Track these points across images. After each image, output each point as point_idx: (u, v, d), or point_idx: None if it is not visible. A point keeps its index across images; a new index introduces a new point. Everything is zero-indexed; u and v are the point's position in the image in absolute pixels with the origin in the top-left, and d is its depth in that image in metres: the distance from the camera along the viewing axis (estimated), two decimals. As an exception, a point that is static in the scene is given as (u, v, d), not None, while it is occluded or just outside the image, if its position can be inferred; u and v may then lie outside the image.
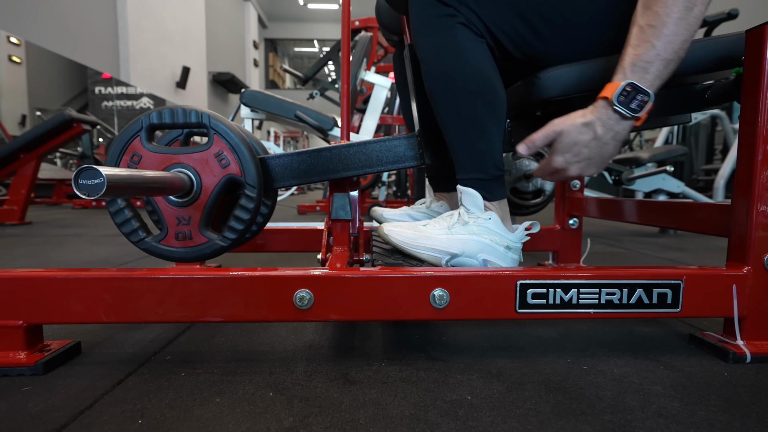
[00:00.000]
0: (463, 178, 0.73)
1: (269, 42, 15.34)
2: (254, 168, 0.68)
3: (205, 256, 0.68)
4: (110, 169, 0.45)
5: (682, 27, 0.56)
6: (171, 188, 0.60)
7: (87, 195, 0.43)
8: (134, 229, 0.66)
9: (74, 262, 1.40)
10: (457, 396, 0.53)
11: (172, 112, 0.66)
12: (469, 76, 0.69)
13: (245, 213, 0.68)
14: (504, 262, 0.72)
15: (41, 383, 0.56)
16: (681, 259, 1.53)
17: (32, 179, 2.54)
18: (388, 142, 0.79)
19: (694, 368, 0.61)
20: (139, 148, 0.66)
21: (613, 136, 0.61)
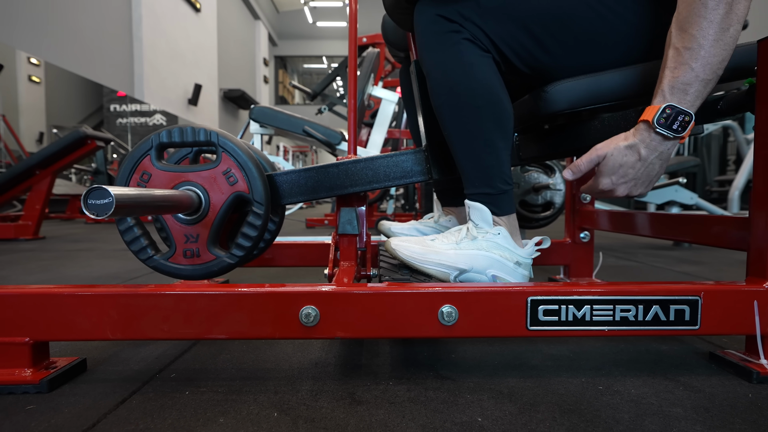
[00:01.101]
0: (471, 192, 0.73)
1: (279, 59, 15.67)
2: (262, 185, 0.68)
3: (213, 273, 0.68)
4: (119, 189, 0.45)
5: (719, 48, 0.56)
6: (179, 206, 0.60)
7: (96, 215, 0.43)
8: (143, 247, 0.66)
9: (84, 276, 1.41)
10: (467, 417, 0.51)
11: (181, 131, 0.66)
12: (475, 91, 0.68)
13: (253, 230, 0.67)
14: (514, 278, 0.70)
15: (46, 401, 0.55)
16: (697, 273, 1.49)
17: (47, 195, 2.59)
18: (396, 157, 0.79)
19: (715, 389, 0.59)
20: (149, 167, 0.66)
21: (658, 155, 0.61)
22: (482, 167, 0.71)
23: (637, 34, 0.68)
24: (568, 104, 0.70)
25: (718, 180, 4.31)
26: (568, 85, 0.69)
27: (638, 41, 0.69)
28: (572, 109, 0.70)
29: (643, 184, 0.64)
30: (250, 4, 11.85)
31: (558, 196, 1.54)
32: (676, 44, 0.58)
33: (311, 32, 14.76)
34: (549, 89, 0.70)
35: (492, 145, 0.70)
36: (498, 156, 0.70)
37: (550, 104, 0.70)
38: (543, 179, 1.55)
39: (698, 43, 0.56)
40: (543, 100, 0.71)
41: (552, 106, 0.70)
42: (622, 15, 0.67)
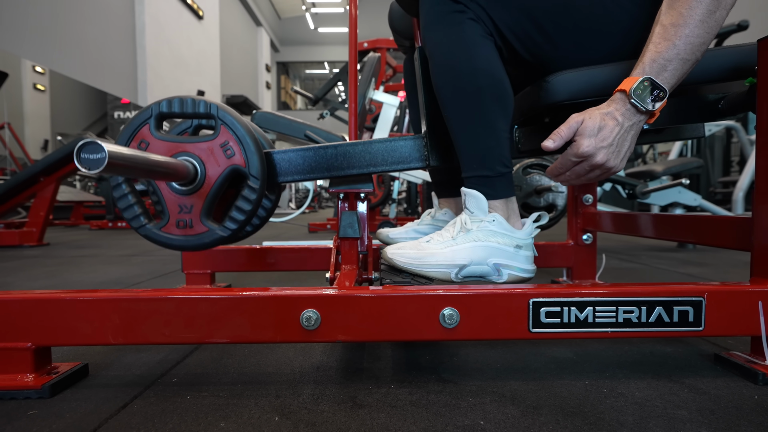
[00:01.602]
0: (468, 175, 0.72)
1: (281, 65, 15.77)
2: (258, 160, 0.68)
3: (204, 245, 0.68)
4: (114, 146, 0.44)
5: (703, 29, 0.58)
6: (175, 174, 0.60)
7: (88, 169, 0.42)
8: (136, 214, 0.66)
9: (88, 282, 1.42)
10: (469, 421, 0.51)
11: (181, 101, 0.66)
12: (476, 71, 0.69)
13: (247, 204, 0.68)
14: (516, 262, 0.70)
15: (47, 407, 0.55)
16: (702, 275, 1.48)
17: (51, 201, 2.60)
18: (394, 142, 0.79)
19: (721, 391, 0.58)
20: (147, 136, 0.66)
21: (631, 125, 0.62)
22: (481, 149, 0.70)
23: (637, 24, 0.69)
24: (568, 95, 0.70)
25: (722, 181, 4.29)
26: (569, 76, 0.70)
27: (638, 32, 0.69)
28: (572, 99, 0.70)
29: (619, 154, 0.63)
30: (252, 11, 11.96)
31: (560, 198, 1.54)
32: (663, 21, 0.60)
33: (313, 38, 14.86)
34: (550, 79, 0.70)
35: (492, 125, 0.70)
36: (497, 137, 0.70)
37: (551, 94, 0.70)
38: (545, 182, 1.55)
39: (684, 20, 0.58)
40: (544, 90, 0.71)
41: (553, 96, 0.70)
42: (621, 4, 0.68)
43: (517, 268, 0.71)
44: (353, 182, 0.86)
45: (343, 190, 0.86)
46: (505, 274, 0.70)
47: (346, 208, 0.89)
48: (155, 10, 6.76)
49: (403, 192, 4.71)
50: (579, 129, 0.63)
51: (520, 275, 0.71)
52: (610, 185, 2.31)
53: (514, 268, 0.70)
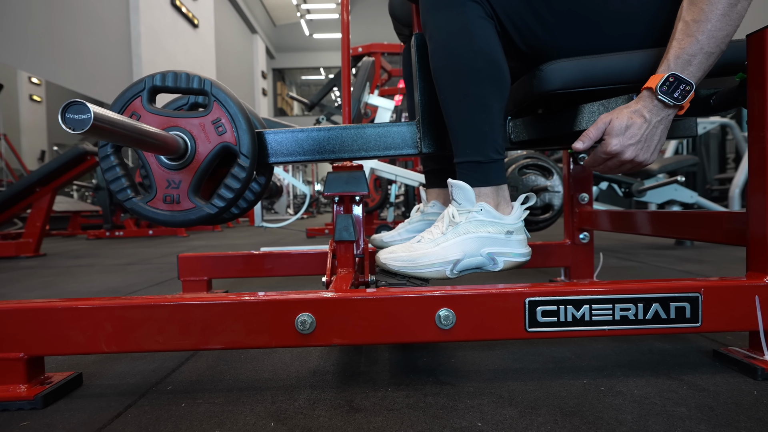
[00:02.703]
0: (461, 161, 0.72)
1: (277, 71, 15.82)
2: (250, 139, 0.67)
3: (191, 222, 0.67)
4: (101, 108, 0.42)
5: (725, 22, 0.59)
6: (164, 148, 0.59)
7: (72, 129, 0.40)
8: (123, 187, 0.66)
9: (84, 292, 1.41)
10: (467, 423, 0.50)
11: (175, 75, 0.66)
12: (475, 53, 0.69)
13: (236, 182, 0.67)
14: (510, 248, 0.70)
15: (40, 417, 0.54)
16: (700, 272, 1.48)
17: (47, 212, 2.59)
18: (387, 127, 0.79)
19: (720, 387, 0.58)
20: (139, 108, 0.66)
21: (659, 120, 0.63)
22: (475, 133, 0.70)
23: (635, 18, 0.69)
24: (561, 83, 0.70)
25: (718, 178, 4.30)
26: (564, 65, 0.70)
27: (636, 26, 0.70)
28: (566, 89, 0.70)
29: (648, 149, 0.64)
30: (247, 19, 12.01)
31: (557, 198, 1.54)
32: (685, 17, 0.61)
33: (308, 44, 14.92)
34: (544, 68, 0.70)
35: (487, 109, 0.70)
36: (492, 122, 0.70)
37: (545, 83, 0.70)
38: (541, 182, 1.55)
39: (706, 16, 0.59)
40: (537, 78, 0.71)
41: (546, 84, 0.70)
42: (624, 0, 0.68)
43: (511, 254, 0.70)
44: (348, 185, 0.85)
45: (339, 194, 0.86)
46: (500, 262, 0.70)
47: (342, 211, 0.88)
48: (150, 19, 6.78)
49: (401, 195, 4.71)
50: (607, 129, 0.64)
51: (515, 260, 0.71)
52: (606, 184, 2.31)
53: (508, 255, 0.70)
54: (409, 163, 3.75)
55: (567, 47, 0.71)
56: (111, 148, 0.69)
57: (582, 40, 0.71)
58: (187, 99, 0.76)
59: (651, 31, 0.69)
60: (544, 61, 0.72)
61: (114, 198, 4.18)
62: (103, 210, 4.08)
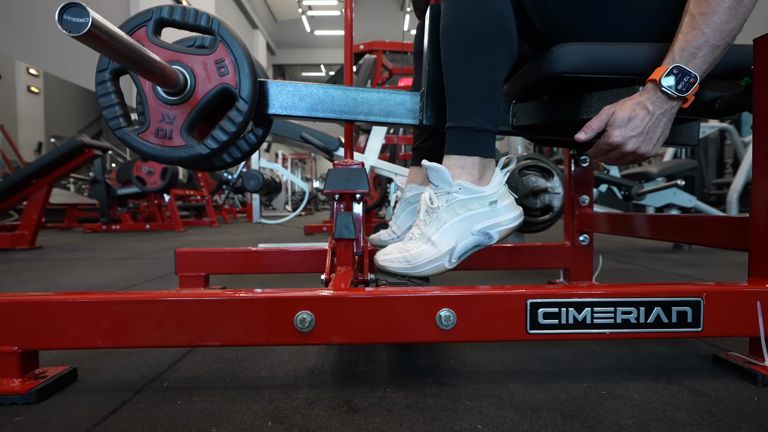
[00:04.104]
0: (454, 125, 0.71)
1: (278, 68, 15.77)
2: (251, 84, 0.66)
3: (180, 160, 0.66)
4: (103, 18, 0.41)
5: (731, 15, 0.59)
6: (162, 77, 0.58)
7: (68, 31, 0.38)
8: (116, 115, 0.65)
9: (80, 285, 1.40)
10: (466, 425, 0.50)
11: (184, 10, 0.65)
12: (487, 17, 0.68)
13: (231, 125, 0.66)
14: (499, 217, 0.69)
15: (34, 412, 0.54)
16: (698, 275, 1.48)
17: (43, 204, 2.57)
18: (391, 94, 0.79)
19: (720, 392, 0.57)
20: (143, 38, 0.65)
21: (663, 113, 0.63)
22: (474, 98, 0.70)
23: (653, 6, 0.69)
24: (570, 66, 0.69)
25: (716, 183, 4.32)
26: (574, 48, 0.69)
27: (655, 15, 0.69)
28: (573, 72, 0.69)
29: (651, 141, 0.64)
30: (248, 14, 11.95)
31: (556, 199, 1.54)
32: (692, 11, 0.61)
33: (309, 41, 14.88)
34: (554, 49, 0.70)
35: (490, 75, 0.69)
36: (492, 90, 0.70)
37: (553, 64, 0.70)
38: (541, 183, 1.54)
39: (712, 9, 0.59)
40: (546, 59, 0.71)
41: (555, 66, 0.70)
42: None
43: (503, 222, 0.70)
44: (349, 183, 0.85)
45: (339, 191, 0.86)
46: (495, 234, 0.70)
47: (342, 209, 0.88)
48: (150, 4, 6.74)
49: (400, 194, 4.70)
50: (609, 120, 0.64)
51: (508, 227, 0.70)
52: (606, 186, 2.31)
53: (500, 224, 0.70)
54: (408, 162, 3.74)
55: (580, 31, 0.71)
56: (109, 74, 0.67)
57: (596, 24, 0.71)
58: (193, 41, 0.74)
59: (668, 25, 0.69)
60: (557, 42, 0.72)
61: (111, 191, 4.15)
62: (100, 203, 4.06)
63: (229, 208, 6.61)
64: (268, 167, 2.68)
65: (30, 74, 5.85)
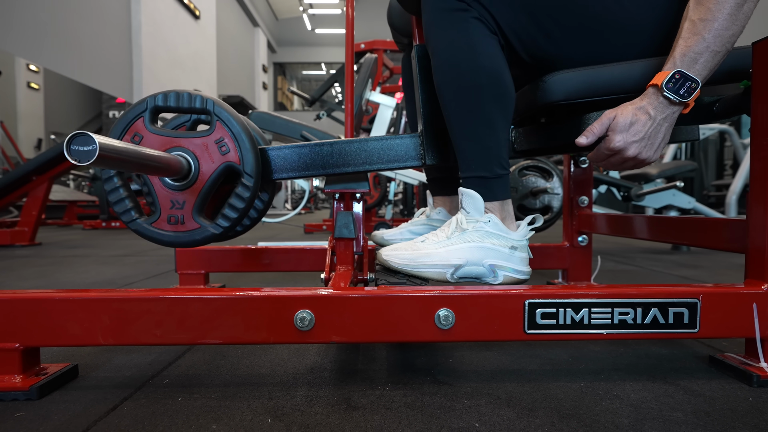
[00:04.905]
0: (466, 176, 0.72)
1: (278, 65, 15.74)
2: (253, 158, 0.67)
3: (195, 242, 0.67)
4: (105, 138, 0.43)
5: (732, 22, 0.59)
6: (168, 169, 0.59)
7: (78, 161, 0.40)
8: (127, 209, 0.66)
9: (80, 282, 1.40)
10: (464, 423, 0.50)
11: (177, 95, 0.66)
12: (480, 70, 0.69)
13: (240, 202, 0.67)
14: (511, 263, 0.70)
15: (35, 408, 0.54)
16: (696, 277, 1.48)
17: (43, 201, 2.57)
18: (390, 140, 0.79)
19: (716, 393, 0.58)
20: (142, 129, 0.66)
21: (664, 118, 0.63)
22: (480, 148, 0.70)
23: (638, 26, 0.69)
24: (564, 95, 0.69)
25: (716, 184, 4.32)
26: (566, 76, 0.70)
27: (640, 36, 0.69)
28: (569, 100, 0.70)
29: (652, 146, 0.64)
30: (249, 12, 11.93)
31: (556, 200, 1.54)
32: (692, 16, 0.61)
33: (310, 39, 14.85)
34: (547, 79, 0.70)
35: (492, 125, 0.70)
36: (497, 138, 0.70)
37: (548, 94, 0.70)
38: (541, 183, 1.55)
39: (713, 15, 0.59)
40: (540, 89, 0.71)
41: (549, 95, 0.70)
42: (623, 5, 0.68)
43: (511, 269, 0.70)
44: (349, 182, 0.85)
45: (339, 191, 0.86)
46: (500, 276, 0.70)
47: (342, 208, 0.88)
48: (151, 9, 6.73)
49: (399, 193, 4.71)
50: (611, 125, 0.64)
51: (515, 276, 0.71)
52: (606, 187, 2.32)
53: (509, 269, 0.70)
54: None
55: (571, 57, 0.71)
56: None
57: (586, 50, 0.71)
58: (189, 116, 0.75)
59: (653, 41, 0.69)
60: (547, 69, 0.72)
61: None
62: (100, 200, 4.06)
63: (229, 205, 6.60)
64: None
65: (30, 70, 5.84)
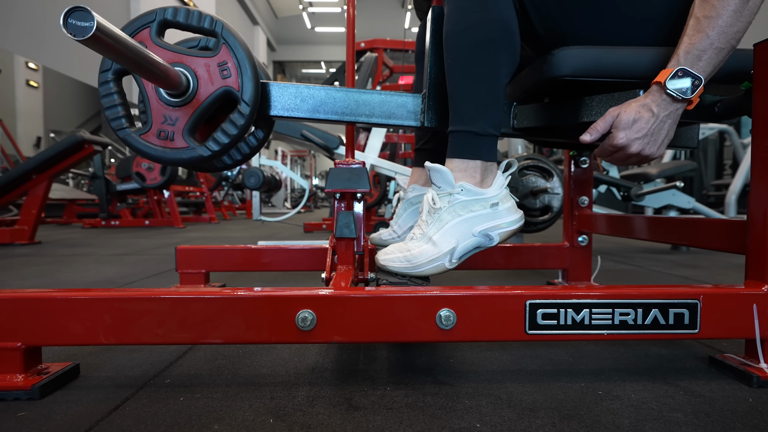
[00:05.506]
0: (456, 129, 0.72)
1: (278, 64, 15.72)
2: (253, 86, 0.67)
3: (182, 161, 0.67)
4: (107, 21, 0.41)
5: (736, 19, 0.59)
6: (165, 79, 0.58)
7: (73, 35, 0.39)
8: (119, 116, 0.65)
9: (80, 281, 1.40)
10: (465, 423, 0.51)
11: (187, 12, 0.65)
12: (490, 21, 0.69)
13: (233, 128, 0.67)
14: (500, 219, 0.70)
15: (37, 408, 0.54)
16: (695, 277, 1.49)
17: (43, 199, 2.57)
18: (393, 96, 0.79)
19: (716, 393, 0.58)
20: (147, 40, 0.65)
21: (668, 115, 0.63)
22: (476, 102, 0.70)
23: (655, 15, 0.69)
24: (571, 70, 0.69)
25: (715, 184, 4.33)
26: (576, 52, 0.70)
27: (654, 23, 0.70)
28: (574, 76, 0.70)
29: (655, 143, 0.65)
30: (248, 10, 11.91)
31: (556, 200, 1.54)
32: (697, 14, 0.61)
33: (310, 37, 14.83)
34: (556, 52, 0.70)
35: (493, 80, 0.70)
36: (495, 94, 0.70)
37: (554, 67, 0.70)
38: (541, 183, 1.55)
39: (717, 12, 0.59)
40: (548, 62, 0.71)
41: (556, 69, 0.70)
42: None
43: (503, 224, 0.71)
44: (350, 182, 0.85)
45: (340, 190, 0.86)
46: (495, 236, 0.70)
47: (343, 208, 0.88)
48: (151, 7, 6.71)
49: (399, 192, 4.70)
50: (615, 122, 0.65)
51: (508, 229, 0.71)
52: (606, 187, 2.32)
53: (500, 226, 0.70)
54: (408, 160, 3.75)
55: (583, 35, 0.71)
56: (112, 74, 0.68)
57: (600, 32, 0.71)
58: (197, 42, 0.75)
59: (668, 28, 0.69)
60: (557, 46, 0.72)
61: (111, 187, 4.14)
62: (99, 199, 4.06)
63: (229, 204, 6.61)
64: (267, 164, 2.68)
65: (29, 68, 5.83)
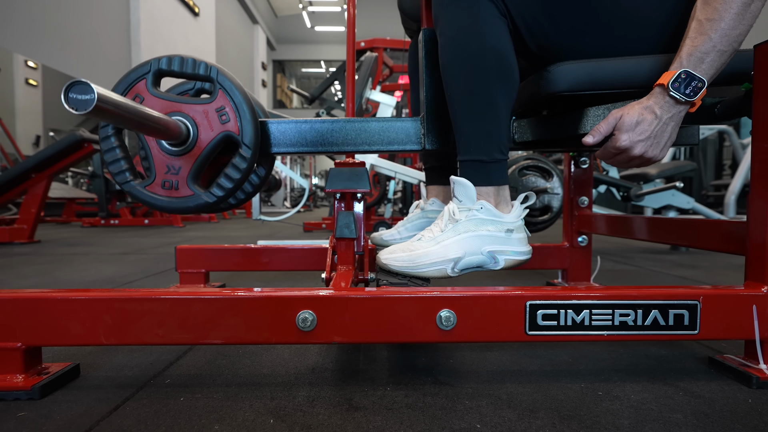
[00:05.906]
0: (464, 159, 0.72)
1: (277, 63, 15.70)
2: (253, 129, 0.67)
3: (188, 209, 0.67)
4: (105, 90, 0.42)
5: (739, 21, 0.59)
6: (166, 132, 0.59)
7: (75, 110, 0.40)
8: (122, 170, 0.66)
9: (79, 281, 1.40)
10: (465, 424, 0.51)
11: (182, 60, 0.66)
12: (486, 52, 0.69)
13: (236, 172, 0.67)
14: (510, 246, 0.70)
15: (37, 408, 0.54)
16: (695, 277, 1.49)
17: (42, 198, 2.57)
18: (392, 122, 0.79)
19: (715, 394, 0.58)
20: (143, 91, 0.65)
21: (671, 117, 0.63)
22: (481, 131, 0.70)
23: (647, 22, 0.69)
24: (568, 86, 0.69)
25: (715, 184, 4.33)
26: (571, 67, 0.70)
27: (647, 30, 0.70)
28: (572, 91, 0.70)
29: (659, 145, 0.65)
30: (248, 9, 11.89)
31: (556, 200, 1.54)
32: (699, 16, 0.61)
33: (309, 37, 14.81)
34: (551, 69, 0.70)
35: (495, 108, 0.70)
36: (498, 122, 0.70)
37: (551, 84, 0.70)
38: (541, 183, 1.55)
39: (720, 15, 0.59)
40: (544, 79, 0.71)
41: (553, 85, 0.70)
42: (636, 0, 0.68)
43: (511, 252, 0.71)
44: (350, 182, 0.85)
45: (340, 190, 0.86)
46: (501, 261, 0.70)
47: (343, 208, 0.88)
48: (150, 5, 6.70)
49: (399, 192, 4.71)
50: (617, 124, 0.65)
51: (516, 258, 0.71)
52: (605, 187, 2.32)
53: (508, 253, 0.70)
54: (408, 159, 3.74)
55: (577, 50, 0.71)
56: (112, 129, 0.69)
57: (594, 44, 0.71)
58: (192, 84, 0.75)
59: (661, 36, 0.70)
60: (552, 62, 0.72)
61: (110, 186, 4.14)
62: (99, 198, 4.05)
63: (228, 203, 6.60)
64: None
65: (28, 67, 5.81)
